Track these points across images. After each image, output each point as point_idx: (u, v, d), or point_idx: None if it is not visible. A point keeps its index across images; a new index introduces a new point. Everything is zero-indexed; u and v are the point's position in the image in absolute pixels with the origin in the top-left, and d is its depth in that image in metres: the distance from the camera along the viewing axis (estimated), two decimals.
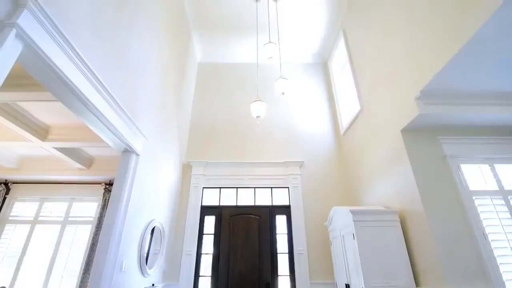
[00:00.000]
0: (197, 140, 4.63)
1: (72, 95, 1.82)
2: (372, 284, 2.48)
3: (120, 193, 2.44)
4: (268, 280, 3.62)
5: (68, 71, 1.70)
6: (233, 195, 4.22)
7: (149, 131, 3.02)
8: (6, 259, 4.23)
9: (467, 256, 2.30)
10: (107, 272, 2.16)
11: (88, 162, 4.49)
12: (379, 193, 3.30)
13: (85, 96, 1.87)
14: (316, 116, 4.87)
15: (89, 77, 1.90)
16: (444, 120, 2.68)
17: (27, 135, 3.42)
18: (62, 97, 1.84)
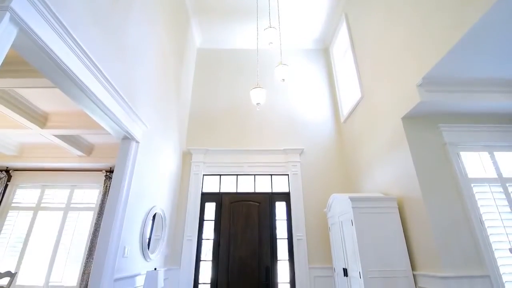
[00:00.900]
0: (197, 127, 4.62)
1: (70, 82, 1.80)
2: (370, 269, 2.54)
3: (121, 180, 2.45)
4: (268, 265, 3.71)
5: (65, 57, 1.67)
6: (233, 182, 4.25)
7: (148, 118, 3.01)
8: (11, 245, 4.31)
9: (463, 242, 2.35)
10: (110, 257, 2.21)
11: (88, 150, 4.50)
12: (378, 180, 3.32)
13: (83, 82, 1.84)
14: (316, 104, 4.84)
15: (86, 64, 1.87)
16: (444, 108, 2.67)
17: (26, 122, 3.41)
18: (60, 84, 1.82)
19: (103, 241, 2.24)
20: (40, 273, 4.14)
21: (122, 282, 2.37)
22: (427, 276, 2.40)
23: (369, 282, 2.50)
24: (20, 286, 4.04)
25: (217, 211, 4.04)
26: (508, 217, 2.43)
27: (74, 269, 4.16)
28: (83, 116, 3.61)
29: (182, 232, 3.86)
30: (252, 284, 3.62)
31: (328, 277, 3.60)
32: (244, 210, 4.03)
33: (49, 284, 4.07)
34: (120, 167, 2.50)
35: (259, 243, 3.83)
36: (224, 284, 3.62)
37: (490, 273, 2.23)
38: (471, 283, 2.20)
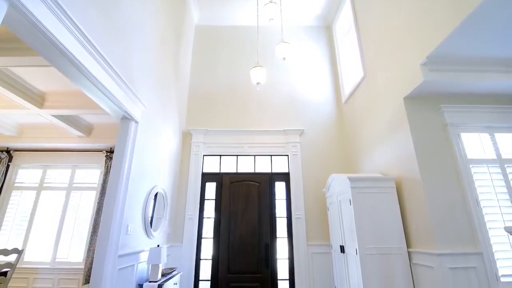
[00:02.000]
0: (197, 107, 4.57)
1: (66, 60, 1.75)
2: (366, 246, 2.62)
3: (121, 160, 2.46)
4: (267, 242, 3.82)
5: (59, 35, 1.61)
6: (233, 163, 4.28)
7: (147, 98, 2.97)
8: (16, 223, 4.42)
9: (459, 221, 2.40)
10: (113, 235, 2.27)
11: (88, 130, 4.48)
12: (377, 160, 3.34)
13: (79, 61, 1.80)
14: (317, 83, 4.76)
15: (82, 41, 1.82)
16: (447, 88, 2.63)
17: (23, 102, 3.36)
18: (55, 62, 1.77)
19: (106, 220, 2.29)
20: (47, 250, 4.27)
21: (126, 258, 2.46)
22: (421, 253, 2.48)
23: (365, 258, 2.58)
24: (27, 262, 4.19)
25: (217, 190, 4.10)
26: (505, 197, 2.47)
27: (80, 246, 4.29)
28: (81, 96, 3.56)
29: (183, 211, 3.94)
30: (252, 260, 3.75)
31: (326, 254, 3.73)
32: (244, 190, 4.09)
33: (56, 260, 4.21)
34: (120, 147, 2.50)
35: (259, 222, 3.92)
36: (225, 260, 3.75)
37: (483, 250, 2.30)
38: (465, 260, 2.28)
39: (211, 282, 3.68)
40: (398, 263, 2.59)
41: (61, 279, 4.10)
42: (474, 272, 2.26)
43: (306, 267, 3.66)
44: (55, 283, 4.08)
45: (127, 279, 2.49)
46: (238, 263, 3.74)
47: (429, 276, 2.38)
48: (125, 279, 2.45)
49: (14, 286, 3.98)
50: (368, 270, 2.55)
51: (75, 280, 4.09)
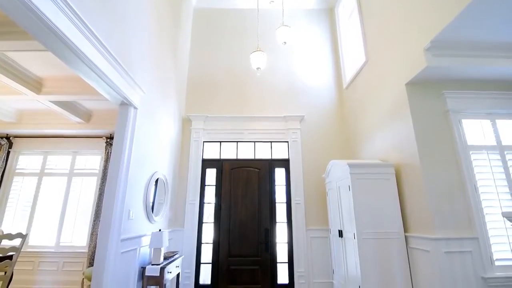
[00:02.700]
0: (196, 93, 4.53)
1: (61, 44, 1.71)
2: (364, 230, 2.67)
3: (121, 146, 2.46)
4: (267, 227, 3.89)
5: (54, 17, 1.57)
6: (233, 149, 4.29)
7: (145, 84, 2.93)
8: (20, 208, 4.48)
9: (456, 207, 2.43)
10: (115, 219, 2.30)
11: (87, 116, 4.46)
12: (377, 147, 3.34)
13: (75, 45, 1.76)
14: (319, 68, 4.69)
15: (78, 25, 1.77)
16: (450, 74, 2.59)
17: (21, 88, 3.33)
18: (50, 46, 1.73)
19: (108, 205, 2.32)
20: (51, 235, 4.36)
21: (128, 242, 2.51)
22: (418, 238, 2.52)
23: (362, 242, 2.63)
24: (32, 246, 4.28)
25: (218, 176, 4.13)
26: (503, 184, 2.49)
27: (83, 231, 4.37)
28: (79, 82, 3.51)
29: (184, 197, 3.98)
30: (252, 244, 3.83)
31: (324, 238, 3.80)
32: (244, 176, 4.11)
33: (60, 245, 4.30)
34: (119, 133, 2.50)
35: (259, 207, 3.97)
36: (226, 244, 3.83)
37: (479, 235, 2.34)
38: (460, 244, 2.33)
39: (212, 265, 3.78)
40: (395, 247, 2.64)
41: (66, 262, 4.21)
42: (469, 256, 2.31)
43: (304, 251, 3.74)
44: (60, 266, 4.19)
45: (130, 262, 2.55)
46: (238, 247, 3.82)
47: (424, 260, 2.44)
48: (128, 262, 2.51)
49: (21, 269, 4.09)
50: (365, 254, 2.61)
51: (80, 263, 4.19)
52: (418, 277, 2.51)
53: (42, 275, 4.15)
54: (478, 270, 2.29)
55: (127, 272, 2.51)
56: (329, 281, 3.64)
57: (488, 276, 2.25)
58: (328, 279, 3.65)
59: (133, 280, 2.59)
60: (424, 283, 2.44)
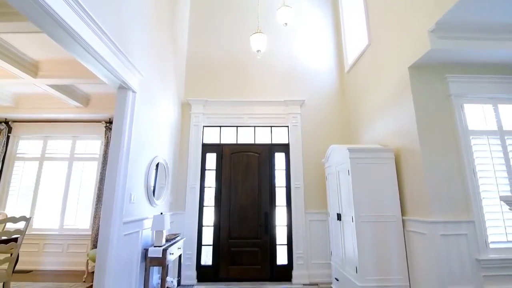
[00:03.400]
0: (195, 77, 4.46)
1: (56, 25, 1.66)
2: (362, 214, 2.71)
3: (121, 130, 2.45)
4: (267, 210, 3.96)
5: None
6: (233, 134, 4.28)
7: (143, 67, 2.88)
8: (22, 192, 4.53)
9: (454, 191, 2.46)
10: (117, 203, 2.33)
11: (85, 100, 4.42)
12: (378, 131, 3.33)
13: (70, 26, 1.71)
14: (320, 52, 4.59)
15: (72, 5, 1.71)
16: (453, 57, 2.54)
17: (17, 71, 3.27)
18: (45, 28, 1.68)
19: (110, 189, 2.34)
20: (54, 218, 4.43)
21: (131, 225, 2.55)
22: (415, 221, 2.57)
23: (360, 225, 2.68)
24: (36, 229, 4.37)
25: (218, 161, 4.15)
26: (501, 169, 2.51)
27: (86, 214, 4.44)
28: (75, 65, 3.45)
29: (185, 181, 4.02)
30: (252, 227, 3.90)
31: (323, 221, 3.87)
32: (244, 160, 4.13)
33: (63, 227, 4.39)
34: (119, 118, 2.48)
35: (259, 191, 4.02)
36: (226, 226, 3.91)
37: (475, 218, 2.38)
38: (456, 227, 2.37)
39: (213, 246, 3.87)
40: (392, 230, 2.69)
41: (70, 244, 4.31)
42: (465, 238, 2.36)
43: (303, 233, 3.82)
44: (64, 248, 4.29)
45: (133, 244, 2.61)
46: (239, 230, 3.90)
47: (421, 242, 2.49)
48: (131, 244, 2.57)
49: (26, 251, 4.19)
50: (363, 236, 2.66)
51: (84, 245, 4.29)
52: (414, 259, 2.58)
53: (47, 256, 4.26)
54: (472, 252, 2.34)
55: (130, 254, 2.57)
56: (327, 262, 3.74)
57: (482, 258, 2.31)
58: (326, 260, 3.75)
59: (136, 261, 2.66)
60: (419, 264, 2.51)
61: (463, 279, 2.30)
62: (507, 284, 2.31)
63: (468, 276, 2.31)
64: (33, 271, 4.11)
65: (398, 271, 2.61)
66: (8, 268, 2.65)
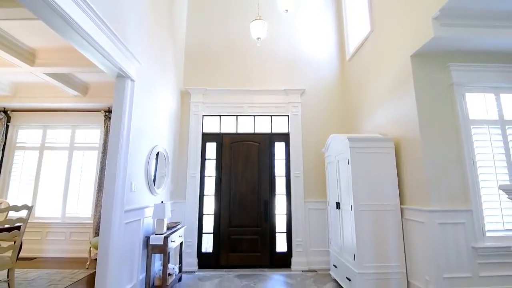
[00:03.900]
0: (194, 65, 4.40)
1: (52, 12, 1.63)
2: (361, 202, 2.73)
3: (120, 119, 2.44)
4: (267, 199, 3.99)
5: None
6: (233, 123, 4.26)
7: (142, 55, 2.84)
8: (23, 181, 4.56)
9: (453, 181, 2.47)
10: (118, 192, 2.35)
11: (84, 89, 4.38)
12: (378, 121, 3.32)
13: (66, 13, 1.67)
14: (321, 39, 4.51)
15: None
16: (456, 45, 2.51)
17: (13, 60, 3.23)
18: (40, 14, 1.65)
19: (110, 178, 2.35)
20: (56, 207, 4.48)
21: (132, 213, 2.58)
22: (413, 210, 2.59)
23: (359, 214, 2.71)
24: (39, 218, 4.42)
25: (218, 150, 4.15)
26: (501, 158, 2.51)
27: (87, 203, 4.48)
28: (73, 53, 3.40)
29: (185, 170, 4.04)
30: (252, 215, 3.95)
31: (322, 210, 3.91)
32: (244, 150, 4.14)
33: (65, 216, 4.44)
34: (117, 106, 2.46)
35: (259, 180, 4.04)
36: (227, 215, 3.95)
37: (473, 207, 2.41)
38: (454, 216, 2.40)
39: (213, 234, 3.93)
40: (390, 218, 2.72)
41: (73, 232, 4.37)
42: (462, 227, 2.40)
43: (302, 222, 3.87)
44: (67, 236, 4.36)
45: (134, 232, 2.65)
46: (239, 218, 3.95)
47: (418, 230, 2.52)
48: (132, 232, 2.61)
49: (29, 238, 4.25)
50: (361, 225, 2.70)
51: (86, 233, 4.35)
52: (411, 247, 2.62)
53: (50, 244, 4.33)
54: (469, 240, 2.38)
55: (132, 241, 2.61)
56: (325, 250, 3.80)
57: (479, 246, 2.35)
58: (324, 247, 3.82)
59: (138, 248, 2.70)
60: (416, 252, 2.55)
61: (459, 267, 2.35)
62: (501, 271, 2.36)
63: (464, 263, 2.36)
64: (37, 258, 4.18)
65: (395, 259, 2.66)
66: (12, 256, 2.69)
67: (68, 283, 3.10)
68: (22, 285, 3.01)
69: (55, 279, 3.22)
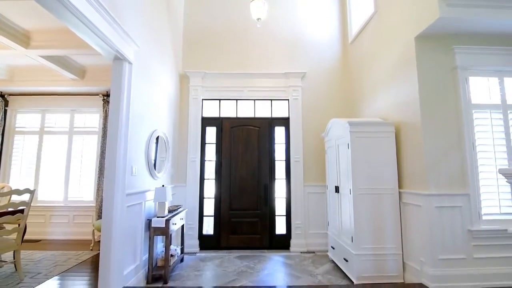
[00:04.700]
0: (193, 48, 4.30)
1: None
2: (359, 186, 2.76)
3: (119, 103, 2.42)
4: (266, 183, 4.03)
5: None
6: (233, 107, 4.23)
7: (139, 38, 2.77)
8: (25, 166, 4.58)
9: (452, 165, 2.48)
10: (119, 176, 2.36)
11: (81, 72, 4.31)
12: (379, 105, 3.29)
13: None
14: (323, 20, 4.39)
15: None
16: (462, 27, 2.45)
17: (7, 42, 3.15)
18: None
19: (111, 162, 2.36)
20: (58, 191, 4.52)
21: (133, 196, 2.61)
22: (411, 194, 2.62)
23: (357, 197, 2.75)
24: (41, 201, 4.48)
25: (218, 135, 4.14)
26: (501, 143, 2.51)
27: (89, 186, 4.53)
28: (68, 34, 3.31)
29: (185, 154, 4.05)
30: (252, 199, 4.00)
31: (321, 194, 3.96)
32: (244, 134, 4.13)
33: (68, 199, 4.50)
34: (116, 90, 2.43)
35: (259, 165, 4.07)
36: (227, 198, 4.01)
37: (470, 191, 2.43)
38: (452, 200, 2.43)
39: (214, 217, 4.00)
40: (388, 202, 2.76)
41: (76, 215, 4.44)
42: (459, 210, 2.43)
43: (302, 205, 3.93)
44: (70, 219, 4.44)
45: (136, 215, 2.69)
46: (239, 201, 4.01)
47: (416, 214, 2.57)
48: (134, 215, 2.65)
49: (33, 222, 4.33)
50: (359, 208, 2.74)
51: (89, 216, 4.43)
52: (408, 229, 2.68)
53: (54, 227, 4.41)
54: (465, 224, 2.42)
55: (135, 224, 2.66)
56: (323, 232, 3.88)
57: (474, 229, 2.39)
58: (323, 230, 3.90)
59: (140, 230, 2.75)
60: (413, 235, 2.61)
61: (454, 249, 2.41)
62: (495, 253, 2.42)
63: (459, 245, 2.41)
64: (42, 240, 4.28)
65: (392, 241, 2.72)
66: (17, 238, 2.75)
67: (73, 264, 3.19)
68: (28, 266, 3.10)
69: (60, 260, 3.31)
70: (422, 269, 2.46)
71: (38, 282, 2.64)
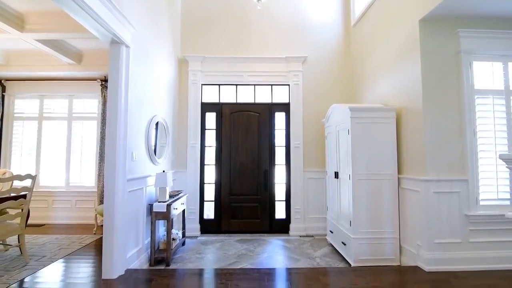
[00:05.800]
0: (192, 31, 4.20)
1: None
2: (359, 172, 2.78)
3: (117, 88, 2.39)
4: (266, 168, 4.05)
5: None
6: (232, 92, 4.18)
7: (136, 20, 2.70)
8: (25, 152, 4.59)
9: (452, 150, 2.49)
10: (119, 161, 2.37)
11: (78, 57, 4.23)
12: (381, 90, 3.26)
13: None
14: (325, 2, 4.25)
15: None
16: (467, 9, 2.38)
17: (1, 25, 3.07)
18: None
19: (111, 147, 2.36)
20: (59, 176, 4.55)
21: (134, 182, 2.63)
22: (410, 179, 2.64)
23: (356, 183, 2.77)
24: (43, 187, 4.52)
25: (217, 120, 4.12)
26: (502, 129, 2.50)
27: (90, 172, 4.56)
28: (64, 17, 3.22)
29: (185, 140, 4.04)
30: (252, 184, 4.04)
31: (320, 179, 3.99)
32: (244, 120, 4.11)
33: (69, 185, 4.54)
34: (113, 74, 2.40)
35: (259, 150, 4.07)
36: (227, 184, 4.04)
37: (469, 177, 2.45)
38: (450, 185, 2.45)
39: (215, 202, 4.05)
40: (387, 187, 2.79)
41: (78, 200, 4.50)
42: (457, 196, 2.46)
43: (301, 190, 3.97)
44: (73, 204, 4.49)
45: (138, 200, 2.72)
46: (239, 187, 4.04)
47: (414, 199, 2.60)
48: (136, 200, 2.68)
49: (36, 206, 4.38)
50: (358, 193, 2.76)
51: (91, 201, 4.48)
52: (406, 214, 2.72)
53: (57, 211, 4.48)
54: (463, 209, 2.46)
55: (136, 209, 2.69)
56: (322, 217, 3.94)
57: (471, 214, 2.43)
58: (321, 215, 3.96)
59: (142, 215, 2.80)
60: (410, 219, 2.65)
61: (450, 233, 2.45)
62: (490, 237, 2.47)
63: (455, 230, 2.46)
64: (45, 225, 4.36)
65: (389, 225, 2.77)
66: (21, 222, 2.80)
67: (77, 247, 3.26)
68: (33, 249, 3.17)
69: (64, 244, 3.38)
70: (418, 253, 2.52)
71: (43, 264, 2.71)
